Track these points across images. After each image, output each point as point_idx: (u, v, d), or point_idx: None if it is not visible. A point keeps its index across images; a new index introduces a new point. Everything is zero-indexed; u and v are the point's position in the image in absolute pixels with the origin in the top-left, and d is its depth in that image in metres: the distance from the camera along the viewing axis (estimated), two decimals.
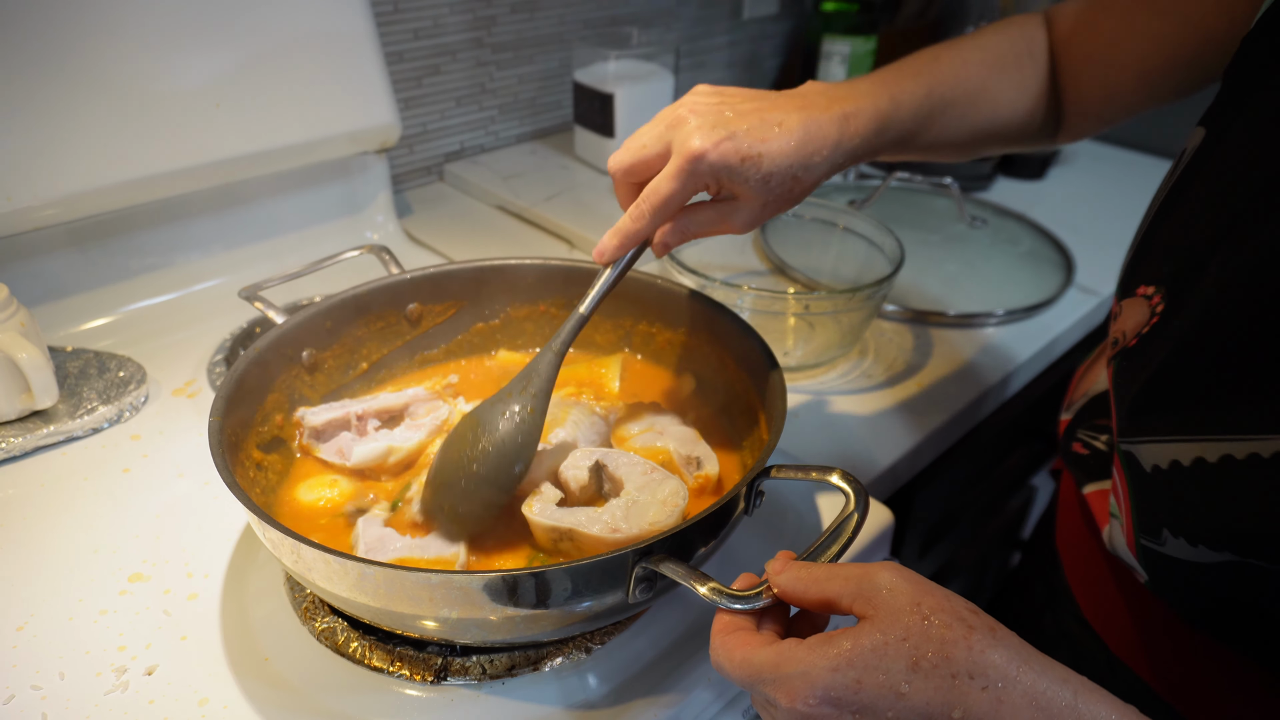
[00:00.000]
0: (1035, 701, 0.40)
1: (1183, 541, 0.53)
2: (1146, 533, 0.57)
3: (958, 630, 0.41)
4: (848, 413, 0.89)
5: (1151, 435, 0.55)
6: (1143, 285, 0.59)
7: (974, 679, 0.40)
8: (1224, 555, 0.51)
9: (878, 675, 0.41)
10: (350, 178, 1.14)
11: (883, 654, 0.41)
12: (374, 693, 0.59)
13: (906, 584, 0.44)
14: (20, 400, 0.80)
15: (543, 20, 1.39)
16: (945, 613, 0.42)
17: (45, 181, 0.86)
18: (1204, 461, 0.50)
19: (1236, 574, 0.52)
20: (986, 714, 0.40)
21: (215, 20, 0.94)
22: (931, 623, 0.42)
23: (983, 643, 0.41)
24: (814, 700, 0.42)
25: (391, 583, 0.50)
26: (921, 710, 0.40)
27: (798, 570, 0.47)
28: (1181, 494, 0.53)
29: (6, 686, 0.59)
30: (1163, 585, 0.58)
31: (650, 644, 0.63)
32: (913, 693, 0.40)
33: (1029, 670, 0.41)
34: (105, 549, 0.71)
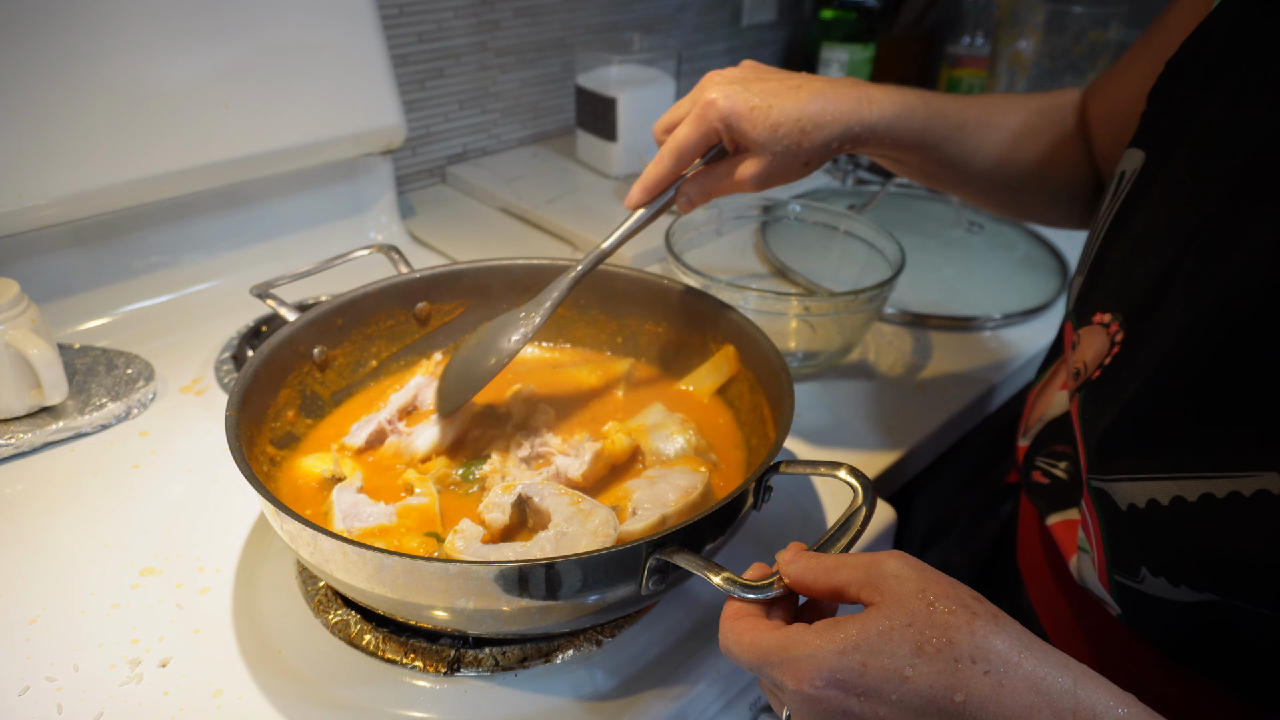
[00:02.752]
0: (1035, 686, 0.41)
1: (1163, 580, 0.53)
2: (1122, 570, 0.56)
3: (961, 616, 0.42)
4: (848, 413, 0.90)
5: (1125, 474, 0.53)
6: (1099, 313, 0.59)
7: (976, 663, 0.41)
8: (1206, 595, 0.51)
9: (883, 659, 0.42)
10: (355, 179, 1.15)
11: (888, 638, 0.42)
12: (387, 684, 0.60)
13: (912, 571, 0.45)
14: (30, 396, 0.80)
15: (546, 25, 1.40)
16: (950, 599, 0.43)
17: (55, 180, 0.87)
18: (1183, 500, 0.49)
19: (1219, 612, 0.52)
20: (988, 697, 0.41)
21: (224, 22, 0.95)
22: (936, 609, 0.43)
23: (986, 629, 0.42)
24: (820, 682, 0.43)
25: (410, 573, 0.51)
26: (925, 693, 0.41)
27: (808, 560, 0.48)
28: (1161, 533, 0.51)
29: (21, 678, 0.60)
30: (1138, 619, 0.58)
31: (659, 638, 0.64)
32: (917, 676, 0.41)
33: (1030, 656, 0.42)
34: (116, 543, 0.71)
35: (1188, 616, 0.54)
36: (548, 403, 0.77)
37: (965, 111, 0.74)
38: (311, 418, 0.76)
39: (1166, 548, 0.52)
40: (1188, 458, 0.50)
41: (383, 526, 0.61)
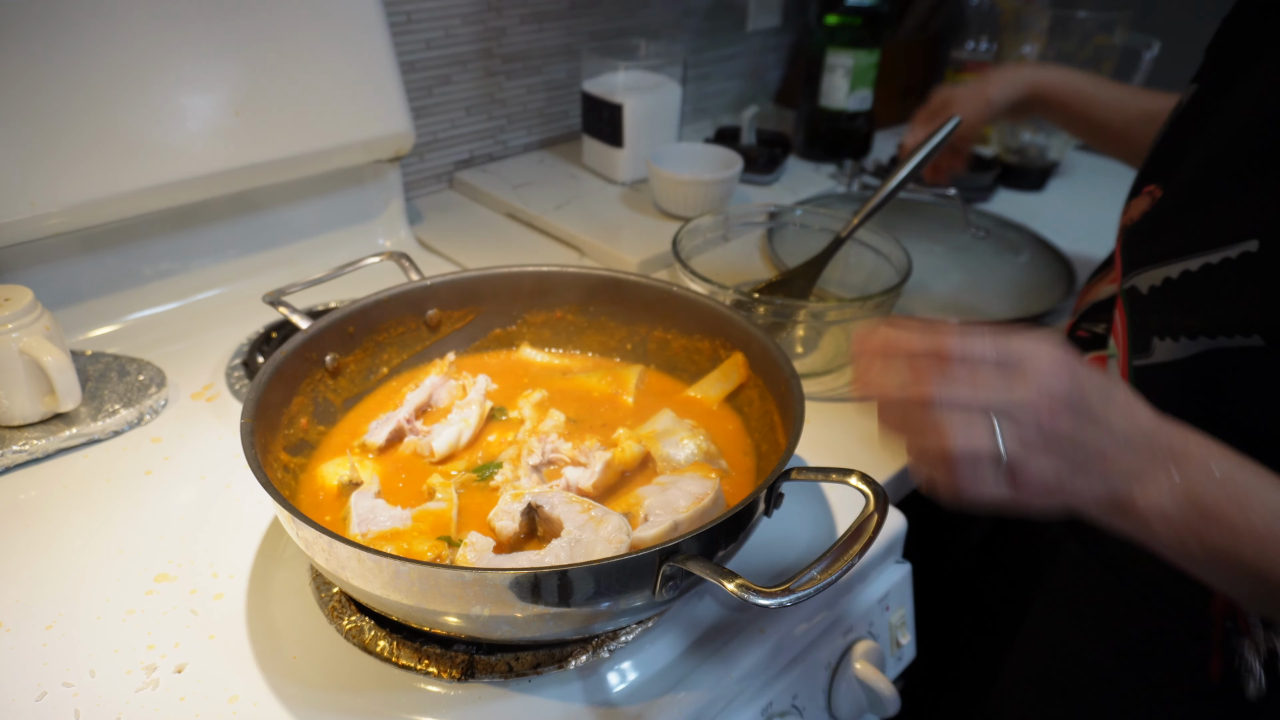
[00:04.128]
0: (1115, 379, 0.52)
1: (1168, 342, 0.65)
2: (1138, 350, 0.69)
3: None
4: (855, 419, 0.91)
5: (1146, 265, 0.68)
6: (1148, 185, 0.74)
7: (1067, 354, 0.50)
8: (1199, 343, 0.62)
9: (982, 338, 0.49)
10: (364, 185, 1.16)
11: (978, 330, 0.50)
12: (401, 690, 0.60)
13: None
14: (43, 403, 0.81)
15: (552, 32, 1.41)
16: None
17: (68, 188, 0.88)
18: (1188, 272, 0.63)
19: (1209, 363, 0.62)
20: (1090, 378, 0.50)
21: (234, 31, 0.96)
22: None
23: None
24: (1065, 370, 0.48)
25: (425, 580, 0.51)
26: (1144, 417, 0.51)
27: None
28: (1170, 301, 0.65)
29: (38, 684, 0.60)
30: (1153, 391, 0.64)
31: (671, 644, 0.64)
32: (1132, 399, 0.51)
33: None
34: (130, 550, 0.72)
35: (1186, 378, 0.65)
36: (558, 408, 0.78)
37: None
38: (324, 424, 0.76)
39: (1173, 311, 0.65)
40: (1193, 242, 0.63)
41: (395, 530, 0.62)
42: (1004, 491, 0.48)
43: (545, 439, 0.73)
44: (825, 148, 1.54)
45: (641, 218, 1.27)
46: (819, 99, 1.51)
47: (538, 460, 0.72)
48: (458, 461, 0.73)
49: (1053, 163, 1.51)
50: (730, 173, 1.24)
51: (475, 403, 0.76)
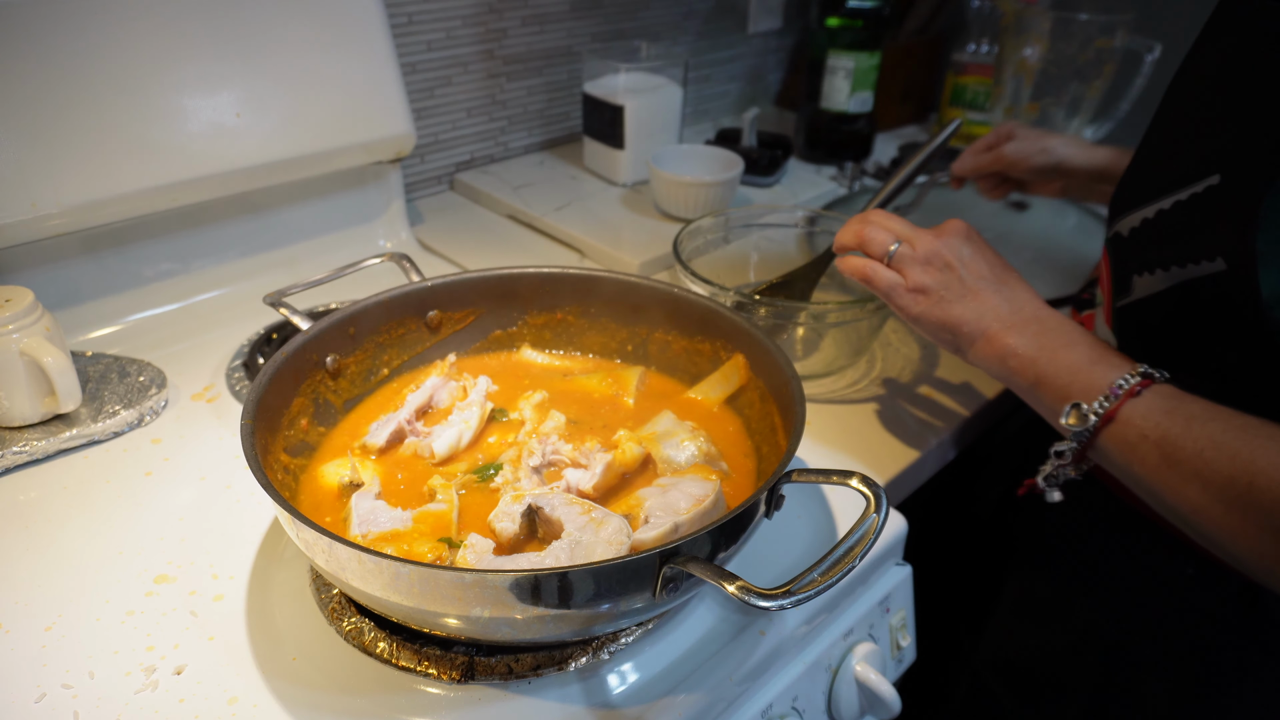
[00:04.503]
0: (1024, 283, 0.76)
1: (1145, 277, 0.71)
2: (1120, 292, 0.75)
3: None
4: (855, 421, 0.91)
5: (1124, 211, 0.75)
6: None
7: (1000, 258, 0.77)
8: (1172, 274, 0.68)
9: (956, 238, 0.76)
10: (364, 186, 1.16)
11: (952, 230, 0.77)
12: (401, 692, 0.60)
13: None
14: (43, 404, 0.81)
15: (553, 33, 1.41)
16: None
17: (68, 188, 0.88)
18: (1162, 211, 0.69)
19: (1180, 295, 0.68)
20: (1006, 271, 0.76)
21: (235, 32, 0.96)
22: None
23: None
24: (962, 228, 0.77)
25: (425, 581, 0.51)
26: (988, 257, 0.76)
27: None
28: (1145, 240, 0.71)
29: (38, 685, 0.60)
30: (1129, 342, 0.75)
31: (671, 646, 0.64)
32: (981, 248, 0.76)
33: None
34: (130, 551, 0.72)
35: (1158, 310, 0.71)
36: (559, 409, 0.78)
37: None
38: (324, 425, 0.76)
39: (1149, 248, 0.71)
40: (1165, 185, 0.69)
41: (396, 531, 0.61)
42: (900, 294, 0.76)
43: (546, 440, 0.73)
44: (826, 149, 1.54)
45: (642, 219, 1.27)
46: (820, 101, 1.51)
47: (538, 462, 0.72)
48: (458, 463, 0.73)
49: None
50: (731, 174, 1.24)
51: (476, 404, 0.76)
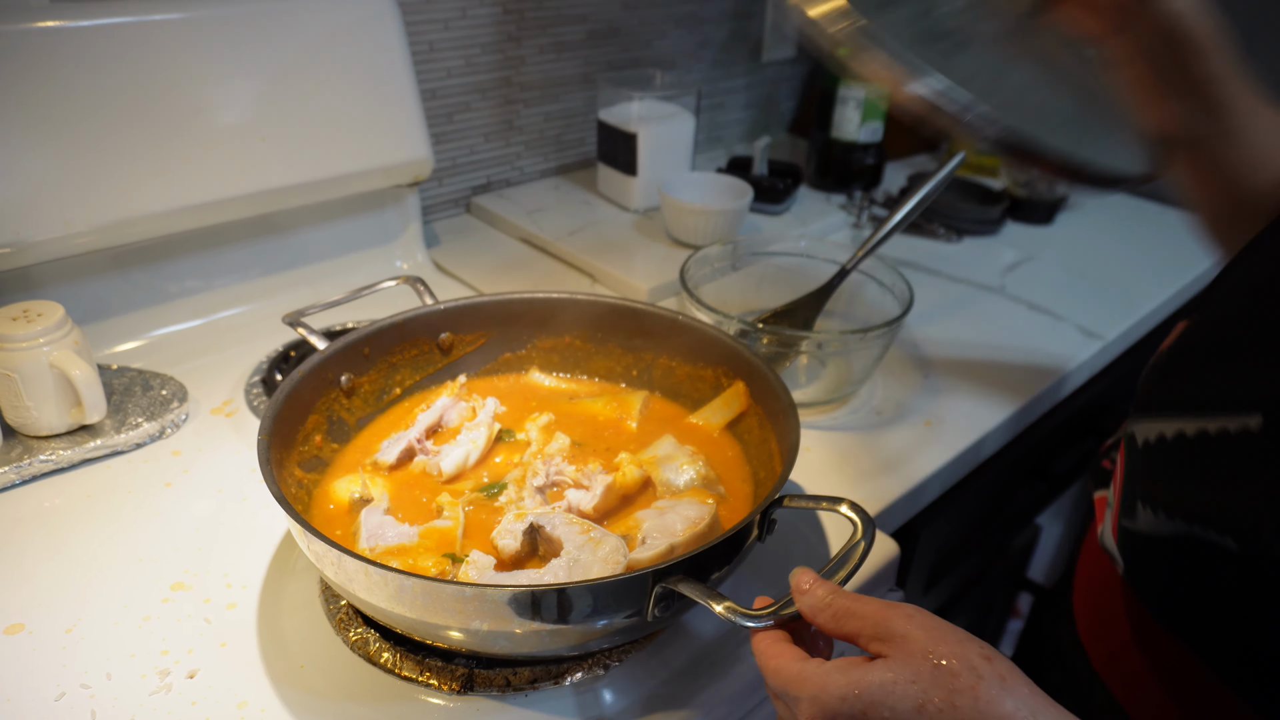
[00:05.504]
0: None
1: (1149, 512, 0.58)
2: (1126, 513, 0.62)
3: (967, 679, 0.43)
4: (856, 447, 0.93)
5: (1148, 414, 0.61)
6: (1182, 319, 0.65)
7: (977, 716, 0.42)
8: (1176, 525, 0.55)
9: (883, 711, 0.43)
10: (383, 209, 1.19)
11: (890, 691, 0.43)
12: (403, 701, 0.62)
13: (922, 630, 0.45)
14: (70, 415, 0.84)
15: (569, 61, 1.45)
16: (957, 659, 0.44)
17: (99, 207, 0.92)
18: (1183, 435, 0.56)
19: (1188, 548, 0.55)
20: None
21: (263, 59, 1.00)
22: (941, 668, 0.43)
23: (990, 692, 0.42)
24: (818, 715, 0.45)
25: (428, 594, 0.53)
26: None
27: (821, 598, 0.50)
28: (1159, 466, 0.58)
29: (57, 684, 0.63)
30: (1135, 570, 0.62)
31: (664, 664, 0.66)
32: None
33: (1029, 714, 0.42)
34: (148, 558, 0.75)
35: (1167, 559, 0.59)
36: (564, 431, 0.80)
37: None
38: (337, 442, 0.79)
39: (1160, 480, 0.59)
40: (1195, 397, 0.57)
41: (402, 545, 0.64)
42: None
43: (550, 461, 0.76)
44: (836, 178, 1.56)
45: (653, 245, 1.30)
46: (831, 130, 1.54)
47: (542, 482, 0.74)
48: (465, 481, 0.76)
49: (1062, 197, 1.53)
50: (740, 203, 1.27)
51: (483, 425, 0.79)
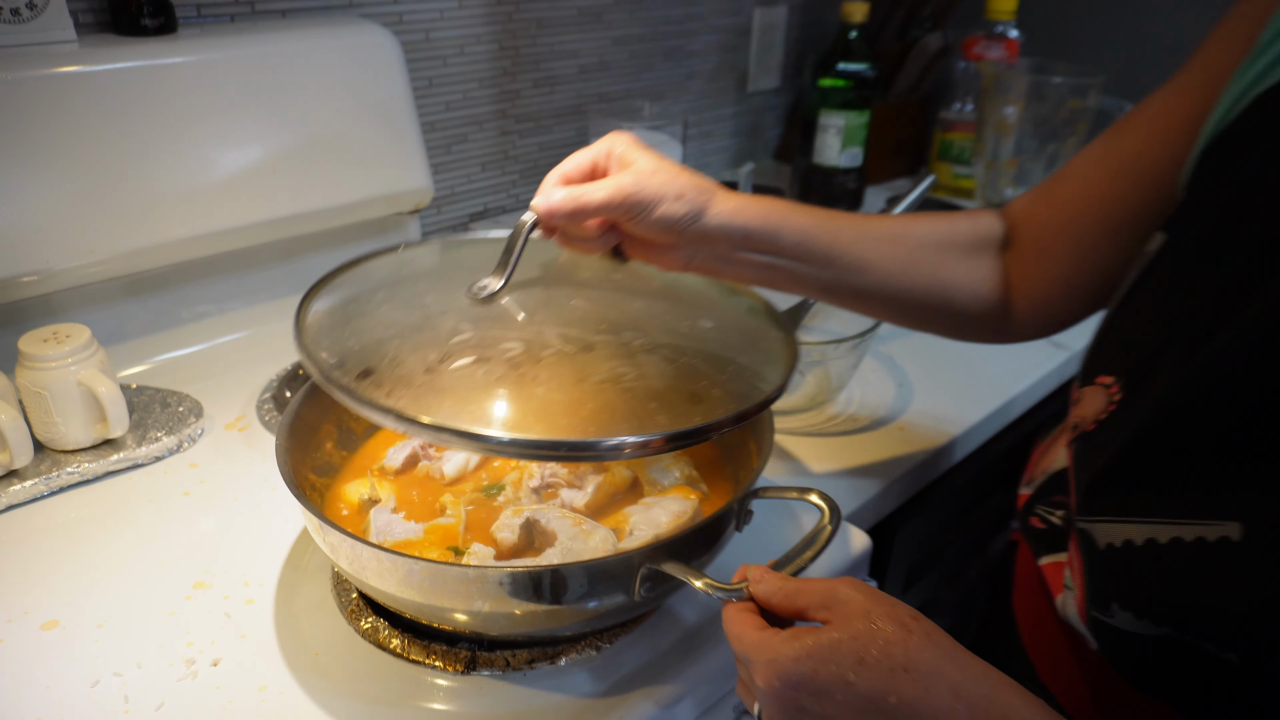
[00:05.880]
0: (956, 692, 0.48)
1: (1130, 615, 0.57)
2: (1097, 606, 0.60)
3: (898, 634, 0.50)
4: (834, 451, 0.98)
5: (1107, 515, 0.58)
6: (1102, 375, 0.63)
7: (908, 672, 0.49)
8: (1164, 630, 0.55)
9: (831, 666, 0.50)
10: (385, 235, 1.26)
11: (835, 649, 0.50)
12: (411, 681, 0.67)
13: (860, 595, 0.53)
14: (95, 430, 0.90)
15: (562, 94, 1.52)
16: (890, 619, 0.51)
17: (122, 237, 0.98)
18: (1155, 542, 0.54)
19: (1175, 649, 0.56)
20: (916, 699, 0.48)
21: (277, 96, 1.07)
22: (877, 627, 0.50)
23: (918, 644, 0.50)
24: (777, 683, 0.51)
25: (434, 576, 0.59)
26: (864, 694, 0.49)
27: (772, 584, 0.56)
28: (1132, 570, 0.56)
29: (92, 673, 0.68)
30: (1111, 652, 0.63)
31: (651, 646, 0.72)
32: (859, 681, 0.49)
33: (954, 667, 0.49)
34: (170, 561, 0.80)
35: (1152, 651, 0.58)
36: None
37: (846, 226, 0.74)
38: (347, 449, 0.85)
39: (1135, 585, 0.56)
40: (1163, 504, 0.54)
41: (409, 541, 0.70)
42: None
43: (544, 464, 0.81)
44: (819, 201, 1.63)
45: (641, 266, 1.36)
46: (813, 156, 1.61)
47: (537, 484, 0.80)
48: (466, 483, 0.81)
49: None
50: None
51: None
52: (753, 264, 0.73)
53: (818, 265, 0.74)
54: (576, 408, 0.60)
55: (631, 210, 0.67)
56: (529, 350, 0.64)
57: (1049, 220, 0.77)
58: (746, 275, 0.75)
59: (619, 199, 0.66)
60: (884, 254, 0.76)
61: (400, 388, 0.59)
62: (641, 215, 0.67)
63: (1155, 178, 0.68)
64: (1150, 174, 0.68)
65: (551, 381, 0.62)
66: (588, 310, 0.72)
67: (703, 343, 0.72)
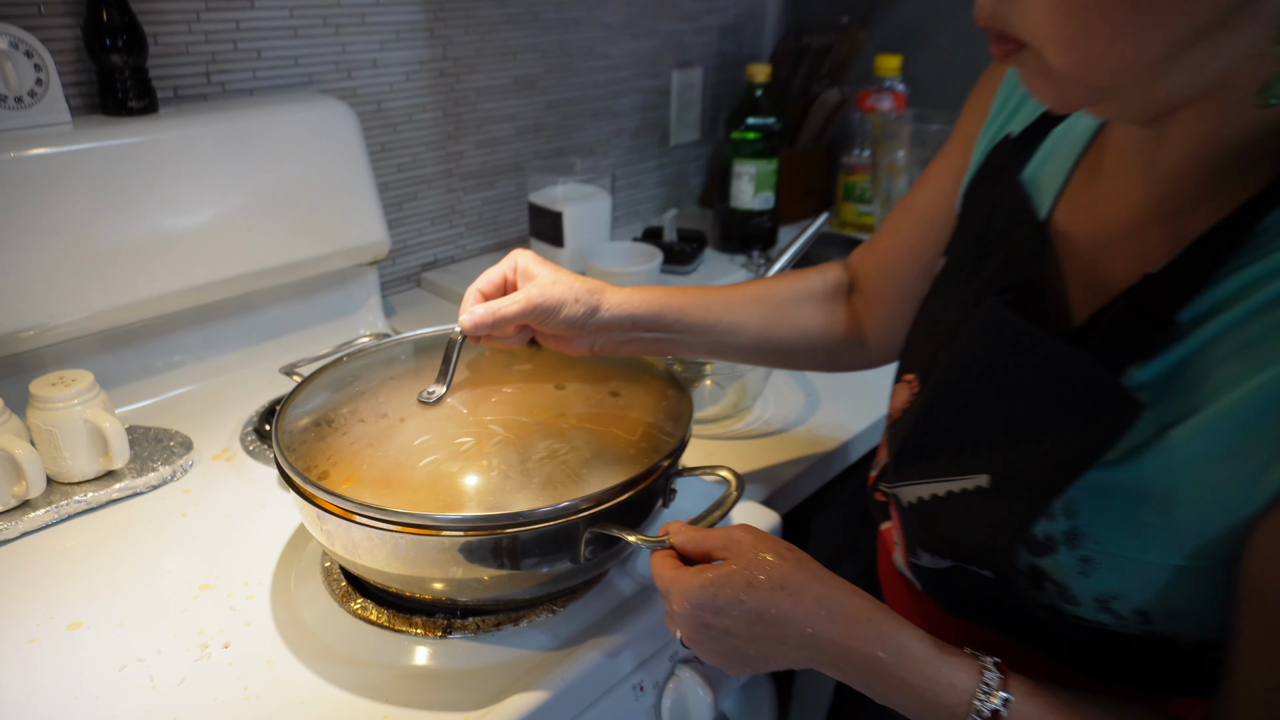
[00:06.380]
0: (819, 601, 0.64)
1: (929, 555, 0.71)
2: (910, 552, 0.74)
3: (777, 562, 0.66)
4: (749, 451, 1.14)
5: (906, 480, 0.72)
6: (906, 374, 0.78)
7: (784, 589, 0.64)
8: (950, 562, 0.69)
9: (727, 590, 0.65)
10: (347, 285, 1.39)
11: (731, 577, 0.65)
12: (398, 647, 0.80)
13: (750, 536, 0.69)
14: (99, 462, 1.01)
15: (502, 153, 1.68)
16: (771, 552, 0.67)
17: (116, 293, 1.10)
18: (936, 496, 0.68)
19: (962, 575, 0.69)
20: (789, 609, 0.63)
21: (249, 163, 1.20)
22: (761, 558, 0.66)
23: (791, 568, 0.65)
24: (688, 606, 0.66)
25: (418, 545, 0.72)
26: (752, 609, 0.64)
27: (686, 534, 0.72)
28: (924, 520, 0.70)
29: (119, 660, 0.79)
30: (928, 588, 0.76)
31: (598, 609, 0.85)
32: (748, 599, 0.64)
33: (817, 584, 0.64)
34: (177, 570, 0.91)
35: (953, 584, 0.71)
36: None
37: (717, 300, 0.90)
38: None
39: (928, 531, 0.70)
40: (937, 466, 0.68)
41: None
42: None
43: None
44: (738, 241, 1.81)
45: None
46: (730, 200, 1.79)
47: None
48: None
49: None
50: (652, 265, 1.50)
51: None
52: (644, 341, 0.88)
53: (698, 334, 0.89)
54: (524, 484, 0.75)
55: (540, 316, 0.82)
56: (478, 443, 0.80)
57: (876, 267, 0.94)
58: (641, 350, 0.91)
59: (530, 309, 0.81)
60: (751, 314, 0.91)
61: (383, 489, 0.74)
62: (549, 318, 0.82)
63: (942, 220, 0.86)
64: (939, 219, 0.86)
65: (504, 465, 0.77)
66: (519, 398, 0.86)
67: (616, 410, 0.87)
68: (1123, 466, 0.57)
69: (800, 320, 0.95)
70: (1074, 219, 0.68)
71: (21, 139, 1.04)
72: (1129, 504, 0.57)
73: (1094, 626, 0.62)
